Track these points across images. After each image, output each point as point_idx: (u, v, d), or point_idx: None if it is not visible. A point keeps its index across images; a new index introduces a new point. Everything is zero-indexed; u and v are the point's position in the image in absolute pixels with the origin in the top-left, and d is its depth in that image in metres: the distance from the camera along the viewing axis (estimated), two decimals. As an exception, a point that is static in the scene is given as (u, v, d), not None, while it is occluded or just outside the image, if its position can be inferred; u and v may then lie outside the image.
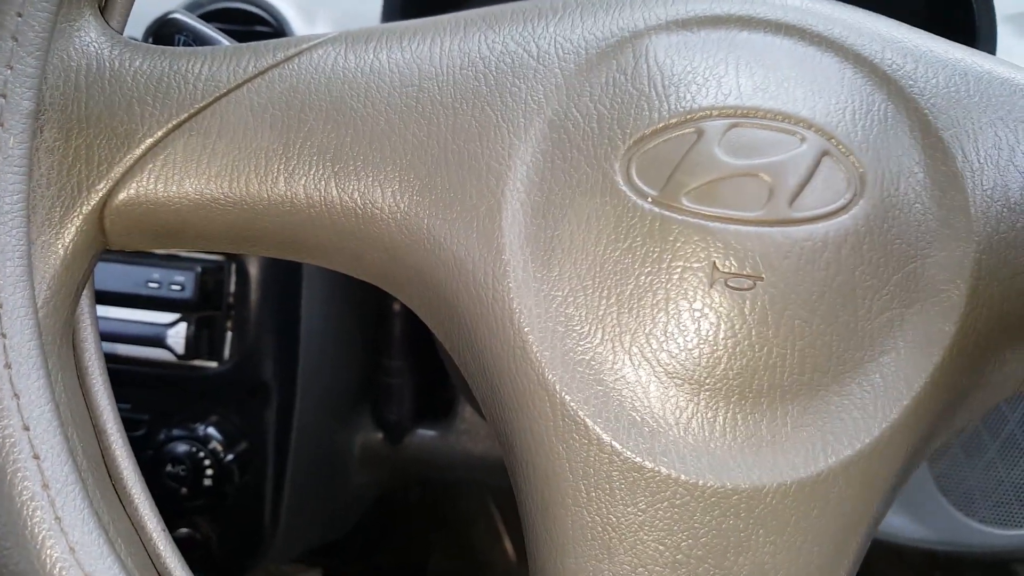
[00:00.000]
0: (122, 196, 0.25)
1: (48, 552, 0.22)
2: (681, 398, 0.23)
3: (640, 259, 0.23)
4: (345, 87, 0.25)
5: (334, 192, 0.24)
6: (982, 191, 0.25)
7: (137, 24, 0.41)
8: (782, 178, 0.24)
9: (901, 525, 0.69)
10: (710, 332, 0.23)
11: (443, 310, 0.26)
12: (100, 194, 0.24)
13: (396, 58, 0.25)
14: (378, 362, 0.73)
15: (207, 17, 0.62)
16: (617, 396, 0.23)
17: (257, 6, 0.63)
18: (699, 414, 0.23)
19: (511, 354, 0.24)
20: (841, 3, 0.27)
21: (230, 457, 0.59)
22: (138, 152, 0.24)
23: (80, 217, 0.24)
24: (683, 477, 0.23)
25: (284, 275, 0.60)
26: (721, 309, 0.23)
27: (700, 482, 0.23)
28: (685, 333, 0.23)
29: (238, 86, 0.25)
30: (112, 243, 0.26)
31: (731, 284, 0.23)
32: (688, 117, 0.24)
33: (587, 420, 0.23)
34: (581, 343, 0.24)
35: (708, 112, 0.24)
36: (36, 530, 0.21)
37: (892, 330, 0.24)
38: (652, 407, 0.23)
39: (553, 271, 0.24)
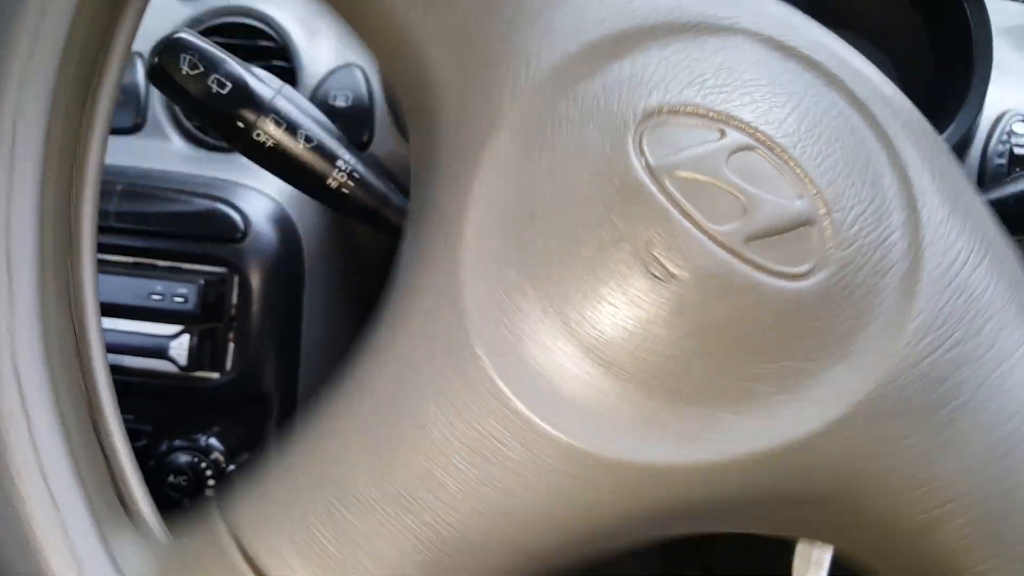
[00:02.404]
0: None
1: None
2: (569, 350, 0.24)
3: (598, 201, 0.24)
4: None
5: None
6: (931, 327, 0.25)
7: (143, 40, 0.41)
8: (757, 216, 0.24)
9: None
10: (614, 299, 0.24)
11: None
12: None
13: None
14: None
15: (209, 32, 0.63)
16: (513, 327, 0.24)
17: (260, 21, 0.63)
18: (579, 375, 0.24)
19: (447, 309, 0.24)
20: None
21: (232, 468, 0.59)
22: None
23: None
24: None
25: (286, 287, 0.60)
26: (632, 283, 0.24)
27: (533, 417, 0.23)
28: (595, 294, 0.24)
29: None
30: None
31: (651, 269, 0.24)
32: (725, 118, 0.25)
33: (473, 343, 0.23)
34: (500, 248, 0.24)
35: (744, 125, 0.25)
36: None
37: (751, 399, 0.24)
38: (541, 351, 0.24)
39: (526, 168, 0.25)
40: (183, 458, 0.58)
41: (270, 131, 0.41)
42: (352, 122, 0.60)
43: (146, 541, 0.26)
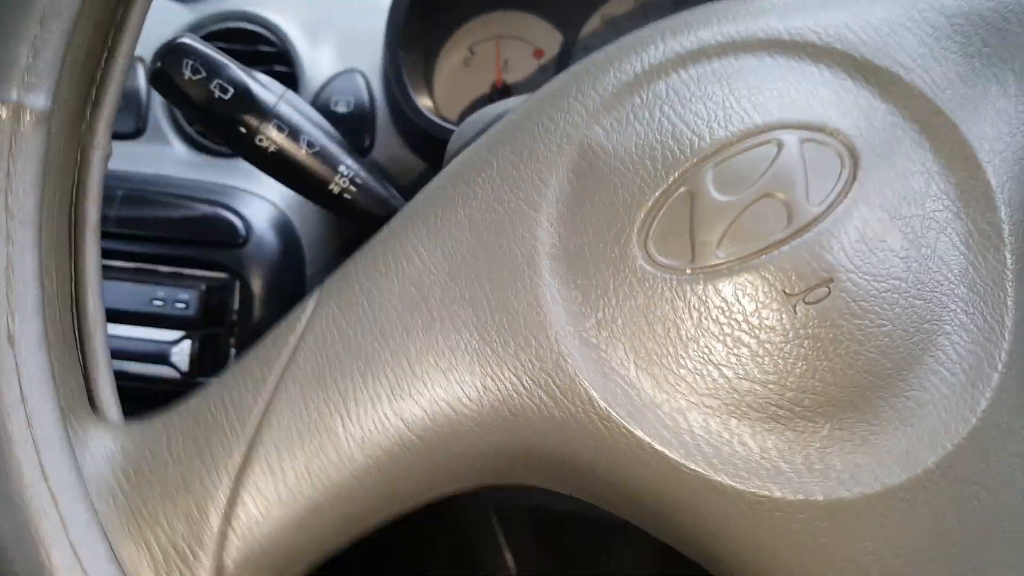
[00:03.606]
0: (232, 557, 0.25)
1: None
2: (799, 429, 0.24)
3: (713, 322, 0.24)
4: (358, 337, 0.26)
5: (398, 422, 0.25)
6: (970, 123, 0.25)
7: (145, 45, 0.41)
8: (786, 185, 0.24)
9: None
10: (804, 354, 0.23)
11: (557, 465, 0.26)
12: (209, 569, 0.25)
13: (384, 289, 0.26)
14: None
15: (211, 37, 0.63)
16: (745, 452, 0.24)
17: (262, 26, 0.63)
18: (818, 439, 0.23)
19: (637, 462, 0.24)
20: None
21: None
22: (219, 517, 0.25)
23: None
24: (821, 498, 0.23)
25: (287, 292, 0.60)
26: (811, 328, 0.23)
27: (839, 497, 0.23)
28: (782, 368, 0.23)
29: (268, 405, 0.25)
30: None
31: (809, 300, 0.23)
32: (673, 180, 0.25)
33: (737, 486, 0.23)
34: (691, 419, 0.24)
35: (686, 168, 0.25)
36: None
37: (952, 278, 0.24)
38: (776, 446, 0.24)
39: (630, 370, 0.24)
40: (185, 463, 0.58)
41: (272, 136, 0.41)
42: (353, 127, 0.61)
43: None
